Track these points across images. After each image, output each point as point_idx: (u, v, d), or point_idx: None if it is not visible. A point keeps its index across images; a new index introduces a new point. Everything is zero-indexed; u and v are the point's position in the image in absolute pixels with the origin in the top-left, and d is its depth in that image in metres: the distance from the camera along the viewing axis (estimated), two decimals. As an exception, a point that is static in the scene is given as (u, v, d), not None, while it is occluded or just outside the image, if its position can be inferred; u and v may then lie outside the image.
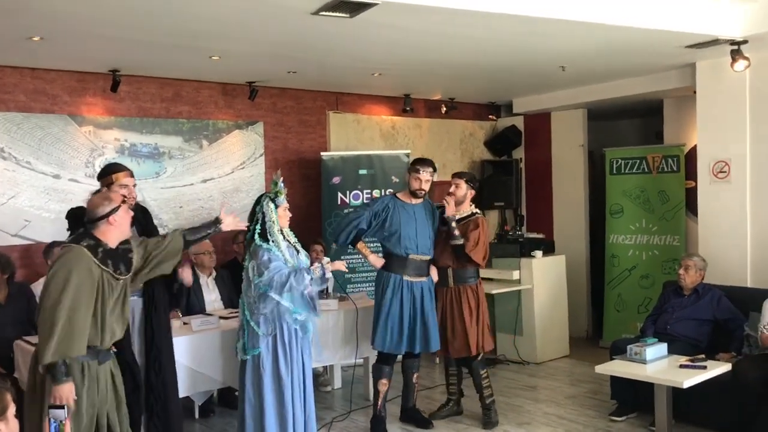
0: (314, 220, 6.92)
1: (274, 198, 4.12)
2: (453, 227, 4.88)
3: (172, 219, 6.38)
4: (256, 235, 4.06)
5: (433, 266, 4.99)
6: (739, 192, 5.70)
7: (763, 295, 4.98)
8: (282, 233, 4.13)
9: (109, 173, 3.91)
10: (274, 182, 4.18)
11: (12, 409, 2.29)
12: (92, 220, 3.22)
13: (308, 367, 4.19)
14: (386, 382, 4.92)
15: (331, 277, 4.31)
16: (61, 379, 2.97)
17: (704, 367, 4.40)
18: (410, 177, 4.95)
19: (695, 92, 6.04)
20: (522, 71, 6.35)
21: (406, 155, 7.03)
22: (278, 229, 4.09)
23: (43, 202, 5.75)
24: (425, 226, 4.93)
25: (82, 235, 3.21)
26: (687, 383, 4.20)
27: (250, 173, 6.87)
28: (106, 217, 3.21)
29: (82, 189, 5.75)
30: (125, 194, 3.80)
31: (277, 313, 4.02)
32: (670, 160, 7.04)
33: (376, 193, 6.78)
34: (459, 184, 5.05)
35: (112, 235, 3.24)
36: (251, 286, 4.05)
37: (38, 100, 5.75)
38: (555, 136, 8.17)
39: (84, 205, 3.89)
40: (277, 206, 4.11)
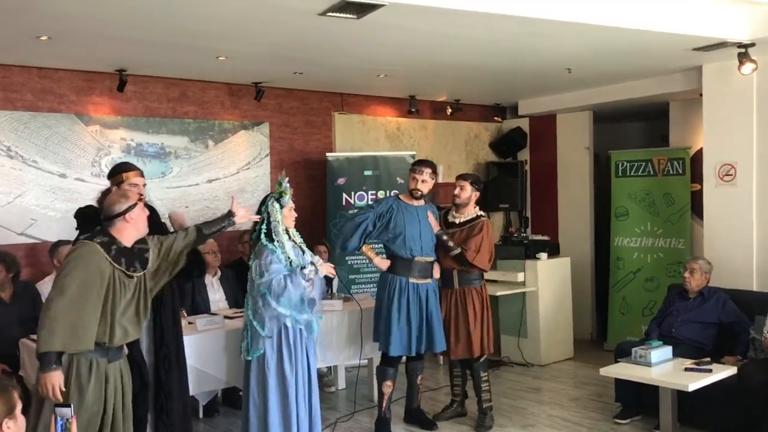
0: (319, 220, 6.92)
1: (279, 198, 4.13)
2: (445, 240, 4.89)
3: (178, 219, 6.39)
4: (261, 235, 4.07)
5: (436, 264, 4.98)
6: (745, 195, 5.69)
7: (768, 298, 4.98)
8: (288, 233, 4.14)
9: (119, 172, 3.92)
10: (278, 182, 4.18)
11: (19, 407, 2.31)
12: (109, 218, 3.23)
13: (313, 368, 4.19)
14: (391, 383, 4.92)
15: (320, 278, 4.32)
16: (49, 367, 2.94)
17: (709, 371, 4.40)
18: (408, 177, 4.98)
19: (701, 95, 6.03)
20: (528, 73, 6.35)
21: (412, 156, 7.01)
22: (283, 229, 4.09)
23: (49, 201, 5.77)
24: (428, 227, 4.92)
25: (98, 233, 3.23)
26: (692, 386, 4.20)
27: (256, 174, 6.88)
28: (123, 214, 3.21)
29: (88, 188, 5.78)
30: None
31: (278, 314, 4.02)
32: (675, 162, 7.03)
33: (381, 194, 6.77)
34: (464, 186, 5.04)
35: (127, 233, 3.24)
36: (255, 286, 4.06)
37: (45, 100, 5.77)
38: (560, 138, 8.16)
39: (93, 204, 3.91)
40: (282, 206, 4.11)
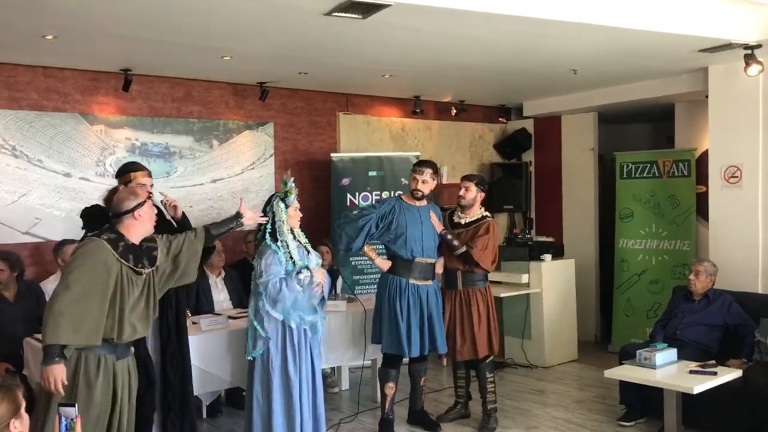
0: (323, 221, 6.91)
1: (284, 198, 4.13)
2: (450, 239, 4.88)
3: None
4: (266, 235, 4.07)
5: (439, 262, 4.97)
6: (751, 197, 5.66)
7: (774, 301, 4.96)
8: (293, 233, 4.13)
9: (127, 171, 3.94)
10: (284, 182, 4.18)
11: (24, 406, 2.31)
12: (117, 214, 3.23)
13: (318, 368, 4.19)
14: (393, 385, 4.90)
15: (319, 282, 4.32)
16: (52, 360, 2.95)
17: (714, 373, 4.38)
18: (410, 178, 4.97)
19: (707, 96, 6.01)
20: (533, 74, 6.34)
21: (416, 157, 6.98)
22: (288, 229, 4.09)
23: (54, 201, 5.78)
24: (430, 228, 4.90)
25: (105, 230, 3.23)
26: (697, 389, 4.18)
27: (260, 174, 6.88)
28: (132, 211, 3.22)
29: (93, 187, 5.79)
30: None
31: (284, 311, 4.02)
32: (681, 164, 7.01)
33: (386, 195, 6.76)
34: (469, 187, 5.02)
35: (135, 230, 3.24)
36: (256, 286, 4.07)
37: (50, 99, 5.78)
38: (565, 139, 8.14)
39: (99, 203, 3.91)
40: (287, 206, 4.11)
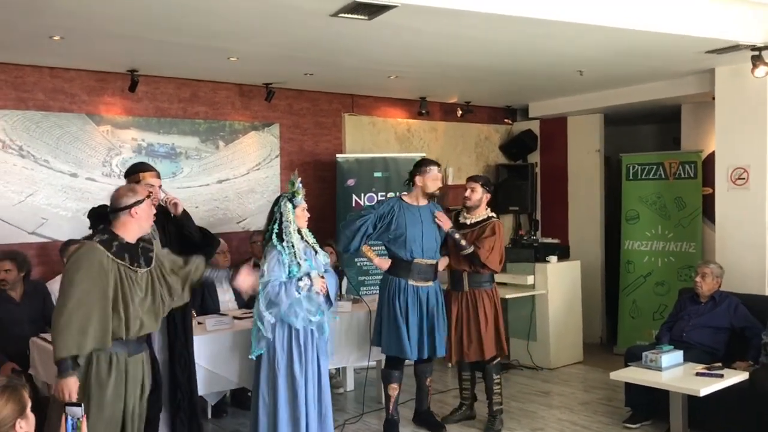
0: (328, 221, 6.91)
1: (291, 198, 4.13)
2: (458, 239, 4.86)
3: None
4: (273, 236, 4.07)
5: (442, 260, 4.95)
6: (758, 199, 5.63)
7: (781, 303, 4.94)
8: (300, 234, 4.14)
9: (136, 171, 3.95)
10: (291, 182, 4.19)
11: (29, 406, 2.31)
12: (114, 210, 3.23)
13: (324, 369, 4.20)
14: (396, 386, 4.90)
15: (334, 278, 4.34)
16: (66, 372, 2.98)
17: (721, 376, 4.37)
18: (426, 177, 4.84)
19: (714, 98, 5.99)
20: (539, 75, 6.33)
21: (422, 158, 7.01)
22: (295, 229, 4.09)
23: (61, 201, 5.79)
24: (431, 228, 4.87)
25: (99, 232, 3.23)
26: (703, 391, 4.16)
27: (266, 174, 6.88)
28: (129, 208, 3.21)
29: (99, 188, 5.80)
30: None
31: (278, 315, 4.02)
32: (687, 166, 6.99)
33: (391, 196, 6.75)
34: (474, 188, 5.01)
35: (131, 228, 3.22)
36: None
37: (57, 99, 5.79)
38: (571, 140, 8.13)
39: (106, 204, 3.91)
40: (294, 206, 4.12)
